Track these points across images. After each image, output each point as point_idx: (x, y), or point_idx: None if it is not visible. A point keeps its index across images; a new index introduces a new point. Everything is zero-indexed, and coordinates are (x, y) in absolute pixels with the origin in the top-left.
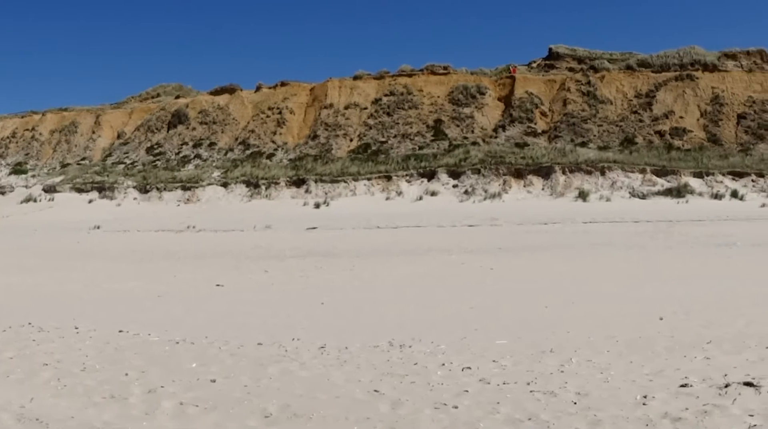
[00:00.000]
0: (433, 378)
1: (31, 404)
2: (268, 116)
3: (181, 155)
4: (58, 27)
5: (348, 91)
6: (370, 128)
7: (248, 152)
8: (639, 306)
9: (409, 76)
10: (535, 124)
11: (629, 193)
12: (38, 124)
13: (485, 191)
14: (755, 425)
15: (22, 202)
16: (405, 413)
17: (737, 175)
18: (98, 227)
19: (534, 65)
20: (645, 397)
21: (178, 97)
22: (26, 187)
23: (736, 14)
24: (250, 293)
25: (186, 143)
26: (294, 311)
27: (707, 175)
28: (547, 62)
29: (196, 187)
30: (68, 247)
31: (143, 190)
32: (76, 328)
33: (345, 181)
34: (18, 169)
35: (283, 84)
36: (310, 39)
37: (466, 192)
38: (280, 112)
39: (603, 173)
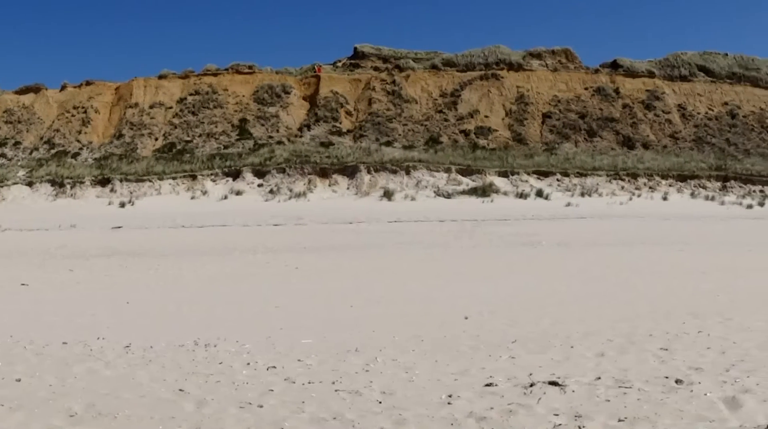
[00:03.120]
0: (238, 377)
1: None
2: (73, 115)
3: None
4: None
5: (153, 91)
6: (176, 127)
7: (53, 152)
8: (444, 305)
9: (215, 75)
10: (341, 123)
11: (434, 192)
12: None
13: (290, 190)
14: (560, 424)
15: None
16: (210, 412)
17: (542, 174)
18: None
19: (339, 64)
20: (450, 396)
21: None
22: None
23: (542, 14)
24: (55, 292)
25: None
26: (99, 310)
27: (512, 175)
28: (352, 61)
29: (1, 187)
30: None
31: None
32: None
33: (150, 181)
34: None
35: (88, 83)
36: (115, 38)
37: (271, 191)
38: (85, 112)
39: (408, 172)
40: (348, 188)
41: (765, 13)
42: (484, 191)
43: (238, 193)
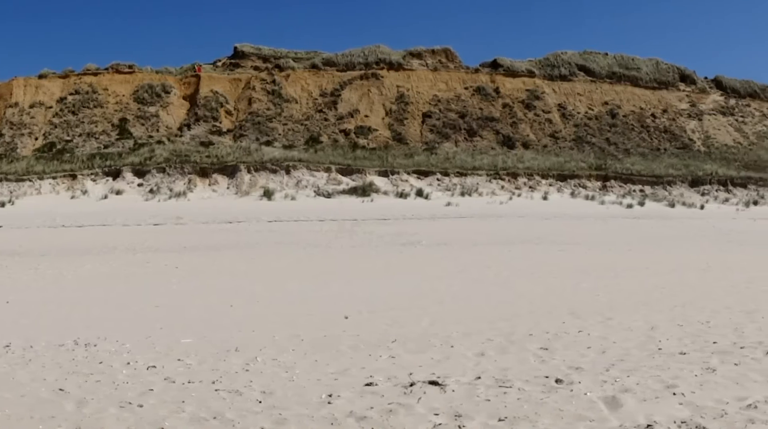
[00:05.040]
0: (119, 377)
1: None
2: None
3: None
4: None
5: (33, 90)
6: (56, 127)
7: None
8: (324, 305)
9: (95, 74)
10: (221, 122)
11: (314, 191)
12: None
13: (170, 190)
14: (440, 424)
15: None
16: (90, 412)
17: (422, 173)
18: None
19: (219, 64)
20: (330, 396)
21: None
22: None
23: (422, 13)
24: None
25: None
26: None
27: (393, 174)
28: (232, 61)
29: None
30: None
31: None
32: None
33: (30, 180)
34: None
35: None
36: None
37: (151, 191)
38: None
39: (288, 172)
40: (228, 188)
41: (644, 12)
42: (364, 191)
43: (119, 192)
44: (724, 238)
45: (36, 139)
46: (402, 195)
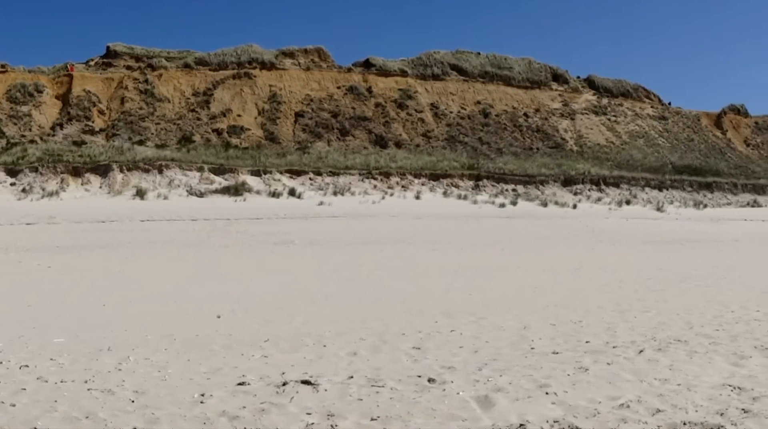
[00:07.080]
0: None
1: None
2: None
3: None
4: None
5: None
6: None
7: None
8: (197, 304)
9: None
10: (93, 122)
11: (187, 191)
12: None
13: (43, 190)
14: (312, 423)
15: None
16: None
17: (295, 173)
18: None
19: (92, 63)
20: (203, 395)
21: None
22: None
23: (294, 12)
24: None
25: None
26: None
27: (265, 174)
28: (105, 60)
29: None
30: None
31: None
32: None
33: None
34: None
35: None
36: None
37: (23, 190)
38: None
39: (161, 171)
40: (101, 187)
41: (517, 12)
42: (236, 190)
43: None
44: (597, 238)
45: None
46: (275, 194)
